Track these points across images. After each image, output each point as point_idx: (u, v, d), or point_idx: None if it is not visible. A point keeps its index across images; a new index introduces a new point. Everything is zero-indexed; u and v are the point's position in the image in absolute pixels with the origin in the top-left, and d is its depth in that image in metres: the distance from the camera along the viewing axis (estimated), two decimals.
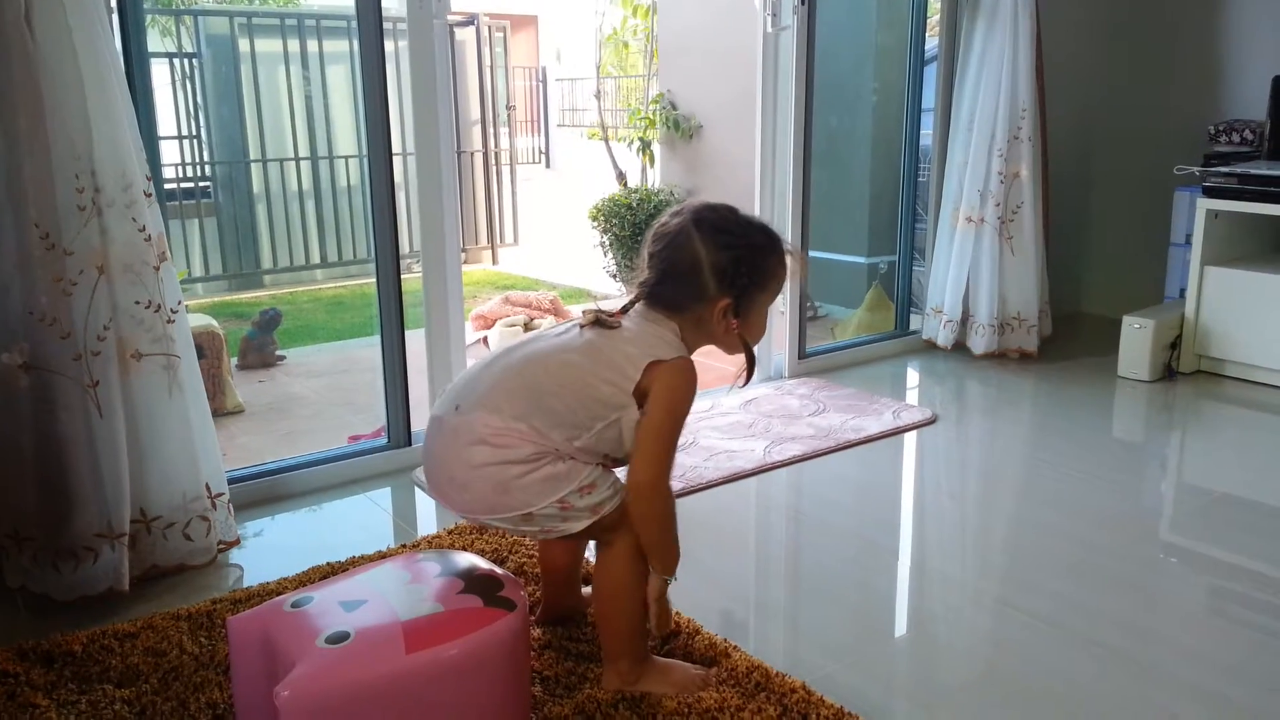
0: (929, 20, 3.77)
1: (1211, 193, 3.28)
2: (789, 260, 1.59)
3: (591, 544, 1.77)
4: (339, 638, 1.31)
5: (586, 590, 1.85)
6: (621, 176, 7.08)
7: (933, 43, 3.72)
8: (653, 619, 1.58)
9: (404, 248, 2.64)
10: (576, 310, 2.35)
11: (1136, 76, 3.94)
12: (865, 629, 1.88)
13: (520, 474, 1.45)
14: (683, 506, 2.37)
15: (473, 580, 1.45)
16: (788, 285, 1.87)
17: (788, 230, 3.32)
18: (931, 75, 3.71)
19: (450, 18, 2.50)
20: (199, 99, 5.86)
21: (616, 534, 1.54)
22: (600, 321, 1.54)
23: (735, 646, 1.72)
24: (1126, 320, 3.36)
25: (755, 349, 1.63)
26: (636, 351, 1.50)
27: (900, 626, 1.91)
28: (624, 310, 1.58)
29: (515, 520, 1.48)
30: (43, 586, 1.90)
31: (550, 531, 1.50)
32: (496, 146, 7.28)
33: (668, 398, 1.49)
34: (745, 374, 1.62)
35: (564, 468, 1.47)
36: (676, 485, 2.41)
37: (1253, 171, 3.21)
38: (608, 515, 1.50)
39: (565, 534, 1.51)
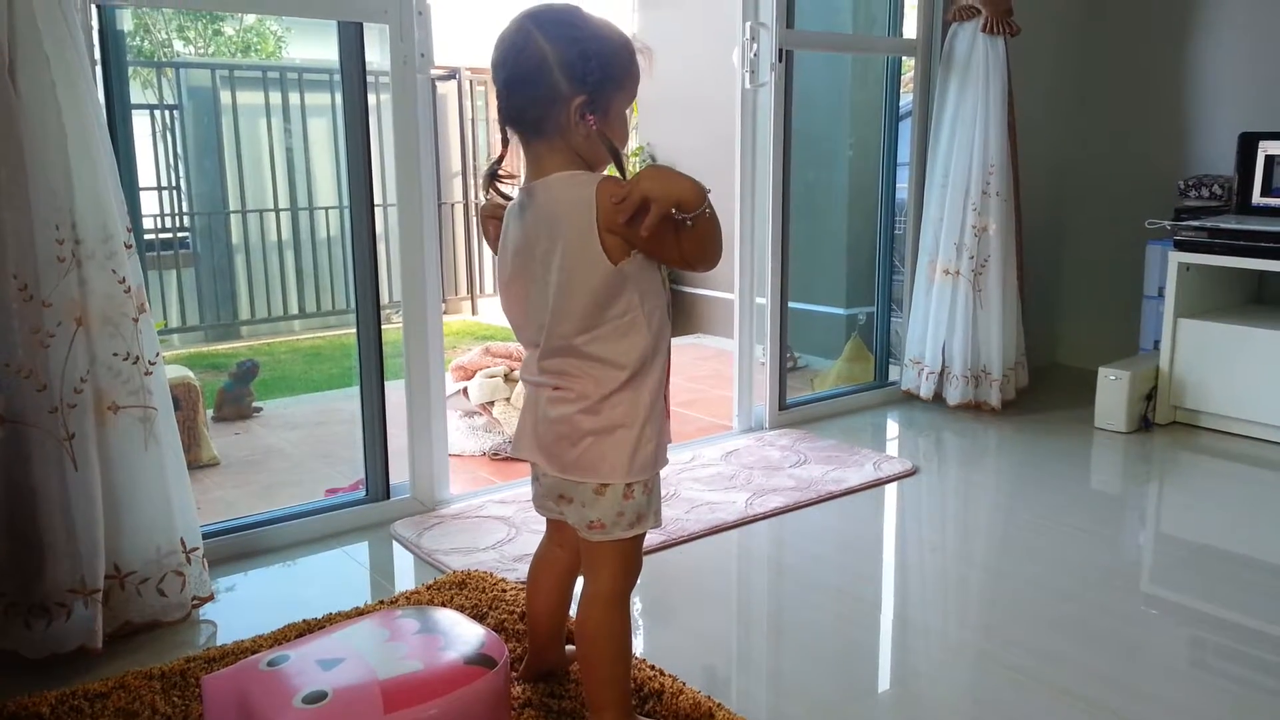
0: (904, 77, 3.84)
1: (1182, 246, 3.34)
2: (640, 58, 1.47)
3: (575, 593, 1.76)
4: (316, 697, 1.29)
5: (570, 649, 1.83)
6: None
7: (907, 99, 3.79)
8: None
9: (384, 298, 2.64)
10: None
11: (1108, 133, 4.03)
12: (849, 684, 1.86)
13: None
14: (663, 559, 2.36)
15: (452, 637, 1.44)
16: (768, 344, 1.84)
17: (767, 281, 3.35)
18: (906, 131, 3.78)
19: (433, 72, 2.53)
20: (179, 150, 5.87)
21: (603, 568, 1.52)
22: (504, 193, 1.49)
23: (719, 705, 1.70)
24: (1102, 372, 3.39)
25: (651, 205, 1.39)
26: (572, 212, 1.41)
27: (884, 681, 1.90)
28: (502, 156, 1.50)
29: None
30: (13, 644, 1.86)
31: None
32: (477, 198, 7.32)
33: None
34: (619, 174, 1.48)
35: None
36: (657, 538, 2.40)
37: (1222, 225, 3.27)
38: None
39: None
